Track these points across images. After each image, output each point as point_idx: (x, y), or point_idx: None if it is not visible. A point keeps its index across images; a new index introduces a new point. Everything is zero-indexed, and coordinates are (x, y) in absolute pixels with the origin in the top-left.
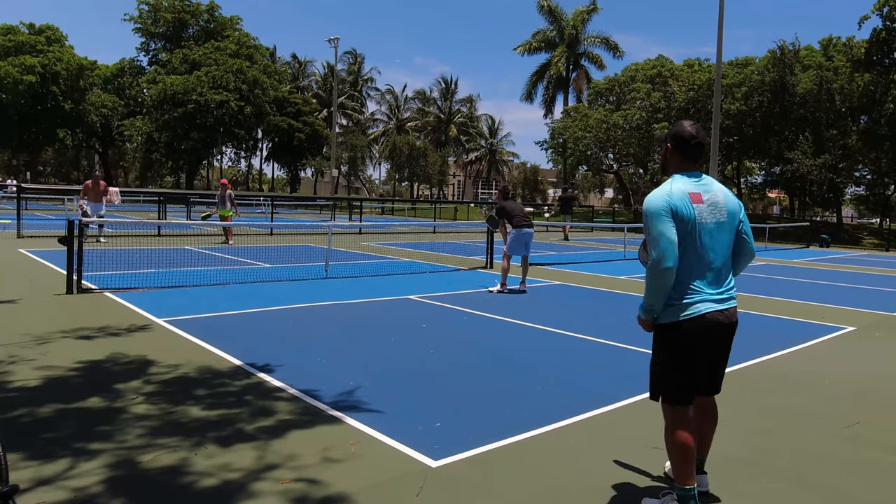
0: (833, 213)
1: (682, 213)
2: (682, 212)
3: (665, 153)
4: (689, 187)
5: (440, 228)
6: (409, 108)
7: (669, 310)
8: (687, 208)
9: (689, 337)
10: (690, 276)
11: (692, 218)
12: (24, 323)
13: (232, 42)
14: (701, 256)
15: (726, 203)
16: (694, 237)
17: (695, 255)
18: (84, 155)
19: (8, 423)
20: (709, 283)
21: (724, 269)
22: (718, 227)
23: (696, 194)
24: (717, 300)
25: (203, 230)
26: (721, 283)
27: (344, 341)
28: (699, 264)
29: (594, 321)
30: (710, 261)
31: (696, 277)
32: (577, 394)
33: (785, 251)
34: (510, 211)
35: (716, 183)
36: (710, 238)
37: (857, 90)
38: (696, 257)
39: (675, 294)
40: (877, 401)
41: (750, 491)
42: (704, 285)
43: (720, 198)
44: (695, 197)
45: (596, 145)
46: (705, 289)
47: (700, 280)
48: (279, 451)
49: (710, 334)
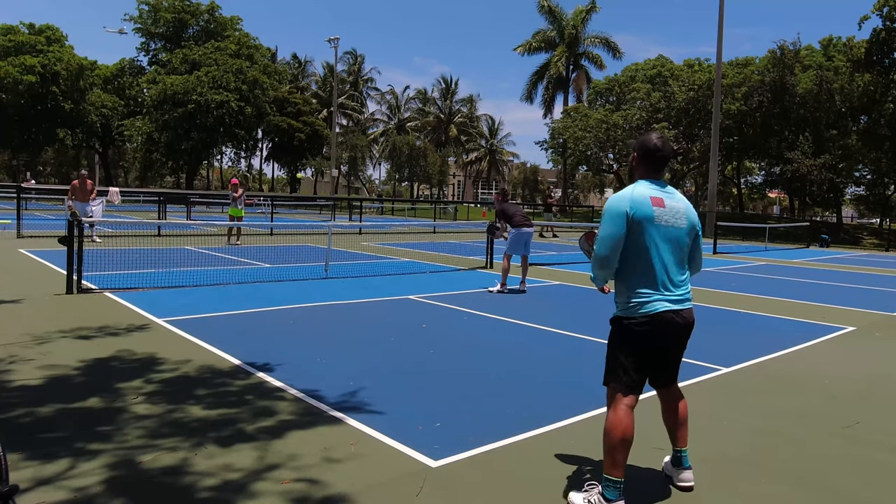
0: (833, 213)
1: (639, 214)
2: (639, 213)
3: (632, 161)
4: (651, 192)
5: (440, 228)
6: (409, 108)
7: (627, 306)
8: (646, 208)
9: (642, 333)
10: (648, 276)
11: (650, 216)
12: (25, 323)
13: (232, 42)
14: (659, 257)
15: (687, 212)
16: (653, 237)
17: (653, 256)
18: (84, 155)
19: (8, 423)
20: (665, 284)
21: (680, 271)
22: (678, 231)
23: (658, 198)
24: (672, 300)
25: (203, 230)
26: (677, 284)
27: (344, 341)
28: (657, 265)
29: (594, 321)
30: (667, 262)
31: (654, 277)
32: (577, 394)
33: (785, 251)
34: (510, 213)
35: (678, 193)
36: (669, 241)
37: (857, 90)
38: (655, 258)
39: (633, 292)
40: (877, 401)
41: (750, 491)
42: (661, 285)
43: (682, 206)
44: (656, 201)
45: (596, 145)
46: (661, 289)
47: (656, 280)
48: (279, 452)
49: (664, 332)
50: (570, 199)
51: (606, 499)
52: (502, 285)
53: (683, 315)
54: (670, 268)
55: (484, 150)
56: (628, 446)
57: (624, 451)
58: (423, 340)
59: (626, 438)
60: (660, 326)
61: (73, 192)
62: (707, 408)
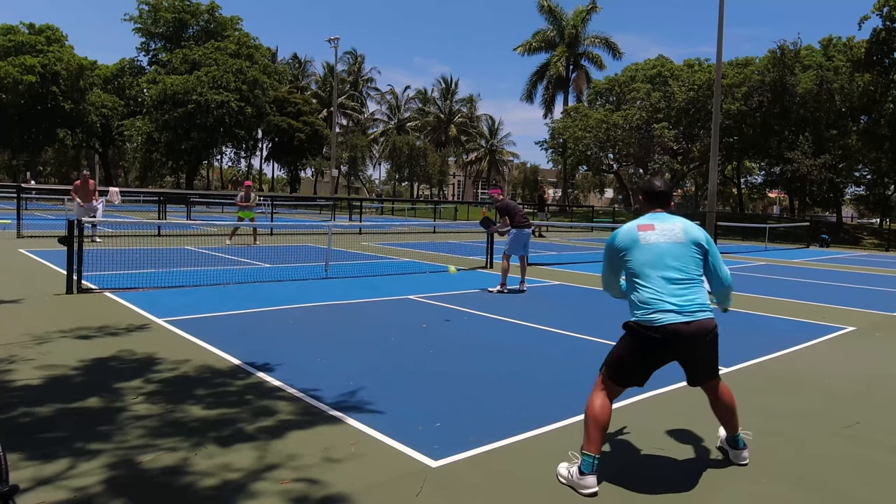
0: (833, 213)
1: (621, 242)
2: (622, 242)
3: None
4: (642, 221)
5: (440, 228)
6: (409, 108)
7: (637, 312)
8: (629, 236)
9: (643, 339)
10: (653, 288)
11: (635, 240)
12: (25, 323)
13: (232, 42)
14: (660, 268)
15: (686, 230)
16: (644, 253)
17: (655, 267)
18: (84, 155)
19: (8, 423)
20: (669, 295)
21: (686, 283)
22: (677, 246)
23: (646, 225)
24: (679, 312)
25: (203, 230)
26: (684, 296)
27: (344, 341)
28: (661, 277)
29: (594, 321)
30: (669, 276)
31: (658, 289)
32: (578, 394)
33: (785, 251)
34: (513, 210)
35: (679, 218)
36: (669, 251)
37: (857, 90)
38: (656, 269)
39: (642, 302)
40: (877, 401)
41: (750, 491)
42: (666, 296)
43: (678, 226)
44: (644, 227)
45: (596, 145)
46: (667, 300)
47: (661, 292)
48: (279, 451)
49: (670, 341)
50: (570, 199)
51: (581, 471)
52: (502, 285)
53: (692, 326)
54: (673, 280)
55: (484, 150)
56: (600, 427)
57: (596, 431)
58: (423, 340)
59: (597, 419)
60: (661, 335)
61: (75, 192)
62: (707, 408)
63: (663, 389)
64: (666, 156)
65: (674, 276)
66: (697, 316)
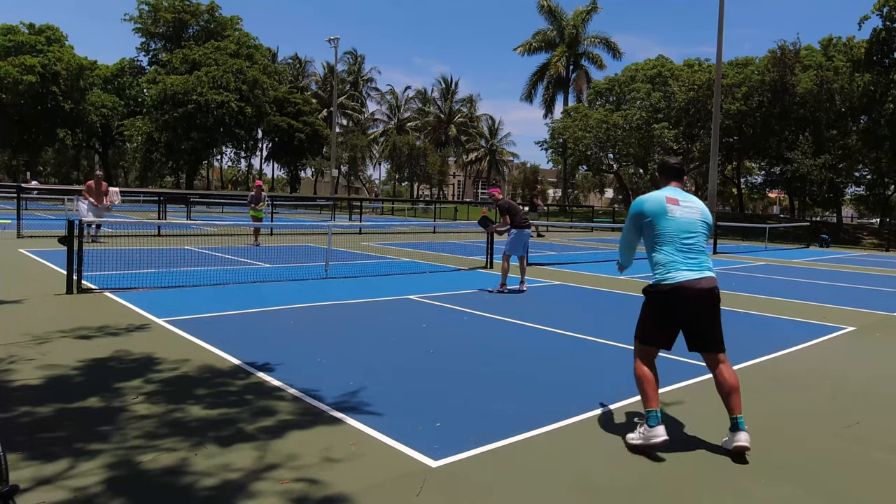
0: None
1: (650, 209)
2: (651, 209)
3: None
4: (668, 194)
5: (440, 228)
6: (409, 108)
7: (656, 273)
8: (658, 205)
9: (665, 296)
10: (671, 252)
11: (663, 211)
12: (24, 323)
13: (232, 42)
14: (678, 237)
15: (701, 210)
16: (669, 223)
17: (673, 237)
18: (84, 155)
19: (8, 423)
20: (685, 258)
21: (698, 248)
22: (694, 222)
23: (673, 199)
24: (693, 270)
25: (203, 230)
26: (697, 259)
27: (344, 341)
28: (677, 244)
29: (594, 321)
30: (686, 242)
31: (675, 253)
32: (578, 394)
33: (785, 251)
34: (514, 209)
35: (696, 199)
36: (686, 225)
37: (857, 90)
38: (674, 238)
39: (660, 264)
40: (877, 401)
41: (750, 490)
42: (682, 259)
43: (696, 205)
44: (671, 200)
45: (596, 145)
46: (682, 262)
47: (677, 255)
48: (279, 451)
49: (686, 295)
50: (570, 199)
51: (650, 426)
52: (502, 285)
53: (703, 281)
54: (689, 245)
55: (484, 150)
56: (651, 384)
57: (650, 388)
58: (424, 340)
59: (646, 378)
60: (676, 292)
61: (87, 193)
62: (707, 407)
63: (663, 389)
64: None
65: (689, 243)
66: (705, 273)
